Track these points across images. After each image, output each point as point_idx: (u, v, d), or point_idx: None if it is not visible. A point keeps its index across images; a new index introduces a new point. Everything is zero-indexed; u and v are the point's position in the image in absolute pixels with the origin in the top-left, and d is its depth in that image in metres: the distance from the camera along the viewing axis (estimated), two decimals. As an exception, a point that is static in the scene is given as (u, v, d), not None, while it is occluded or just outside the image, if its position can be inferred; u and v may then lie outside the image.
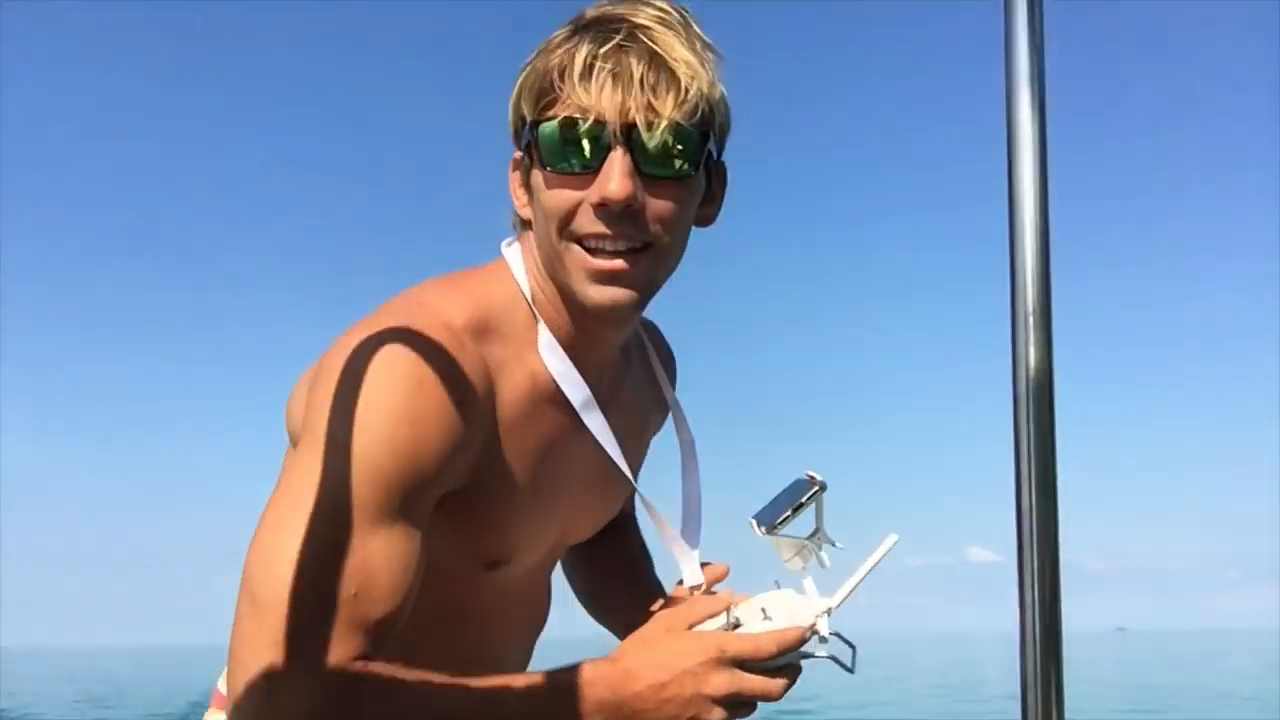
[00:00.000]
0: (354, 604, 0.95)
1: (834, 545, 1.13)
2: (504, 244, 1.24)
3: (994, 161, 0.97)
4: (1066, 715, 0.95)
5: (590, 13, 1.15)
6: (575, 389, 1.19)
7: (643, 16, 1.11)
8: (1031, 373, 0.93)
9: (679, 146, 1.10)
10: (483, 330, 1.13)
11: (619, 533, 1.54)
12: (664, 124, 1.07)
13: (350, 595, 0.95)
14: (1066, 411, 0.95)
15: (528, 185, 1.17)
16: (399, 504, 1.00)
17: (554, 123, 1.09)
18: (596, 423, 1.21)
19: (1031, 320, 0.93)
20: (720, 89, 1.14)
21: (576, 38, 1.11)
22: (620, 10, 1.13)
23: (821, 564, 1.13)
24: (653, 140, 1.07)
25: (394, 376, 1.01)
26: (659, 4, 1.14)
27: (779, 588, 1.13)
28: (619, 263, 1.10)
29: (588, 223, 1.10)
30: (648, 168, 1.09)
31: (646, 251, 1.12)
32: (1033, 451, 0.93)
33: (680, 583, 1.30)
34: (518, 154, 1.18)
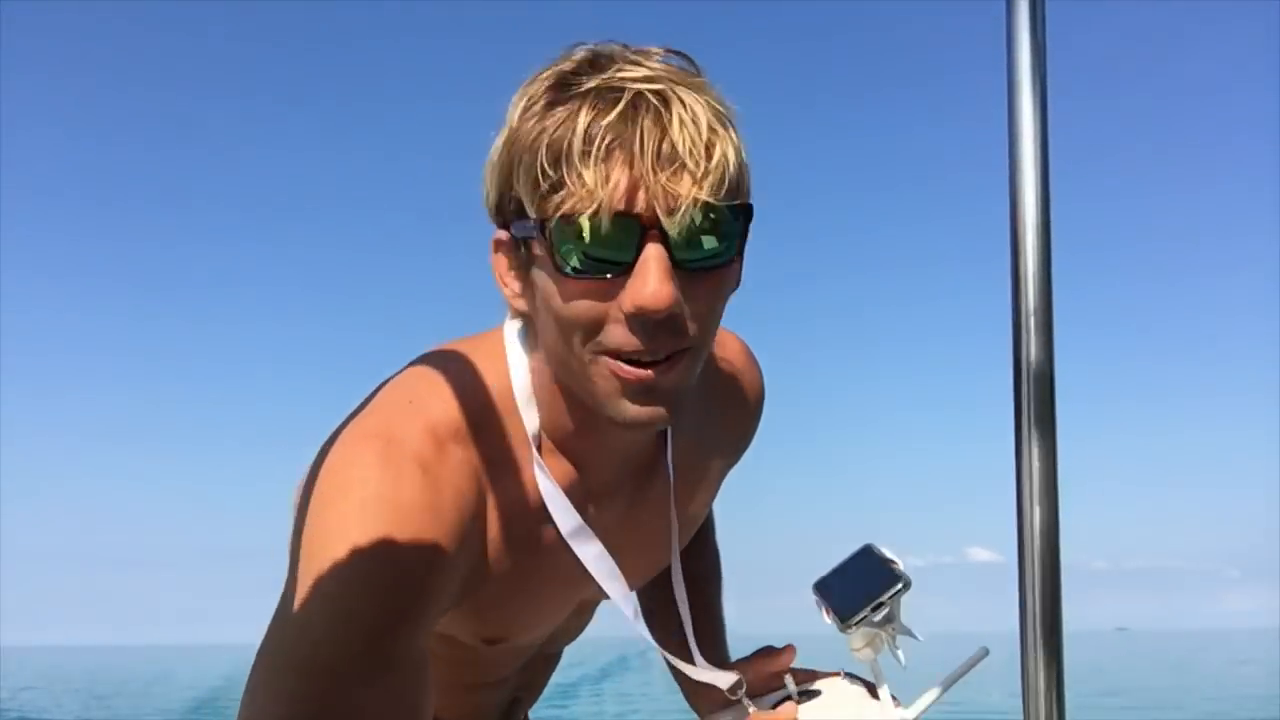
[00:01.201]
0: None
1: (913, 637, 1.04)
2: (508, 319, 1.08)
3: (995, 161, 0.97)
4: (1067, 715, 0.95)
5: (578, 61, 0.94)
6: (566, 517, 1.06)
7: (647, 71, 0.92)
8: (1032, 372, 0.93)
9: (717, 230, 0.91)
10: (474, 432, 1.01)
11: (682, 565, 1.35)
12: (698, 207, 0.89)
13: None
14: (1067, 411, 0.95)
15: (521, 273, 0.99)
16: (389, 647, 0.90)
17: (570, 220, 0.89)
18: (590, 552, 1.08)
19: (1032, 319, 0.93)
20: (743, 144, 0.95)
21: (570, 103, 0.90)
22: (618, 66, 0.92)
23: (898, 660, 1.03)
24: (685, 229, 0.89)
25: (374, 510, 0.91)
26: (657, 52, 0.95)
27: (845, 678, 1.08)
28: (652, 374, 0.93)
29: (621, 336, 0.91)
30: (684, 261, 0.90)
31: (682, 356, 0.95)
32: (1034, 451, 0.93)
33: (763, 653, 1.22)
34: (502, 235, 0.98)
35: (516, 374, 1.04)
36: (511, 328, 1.07)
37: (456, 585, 0.99)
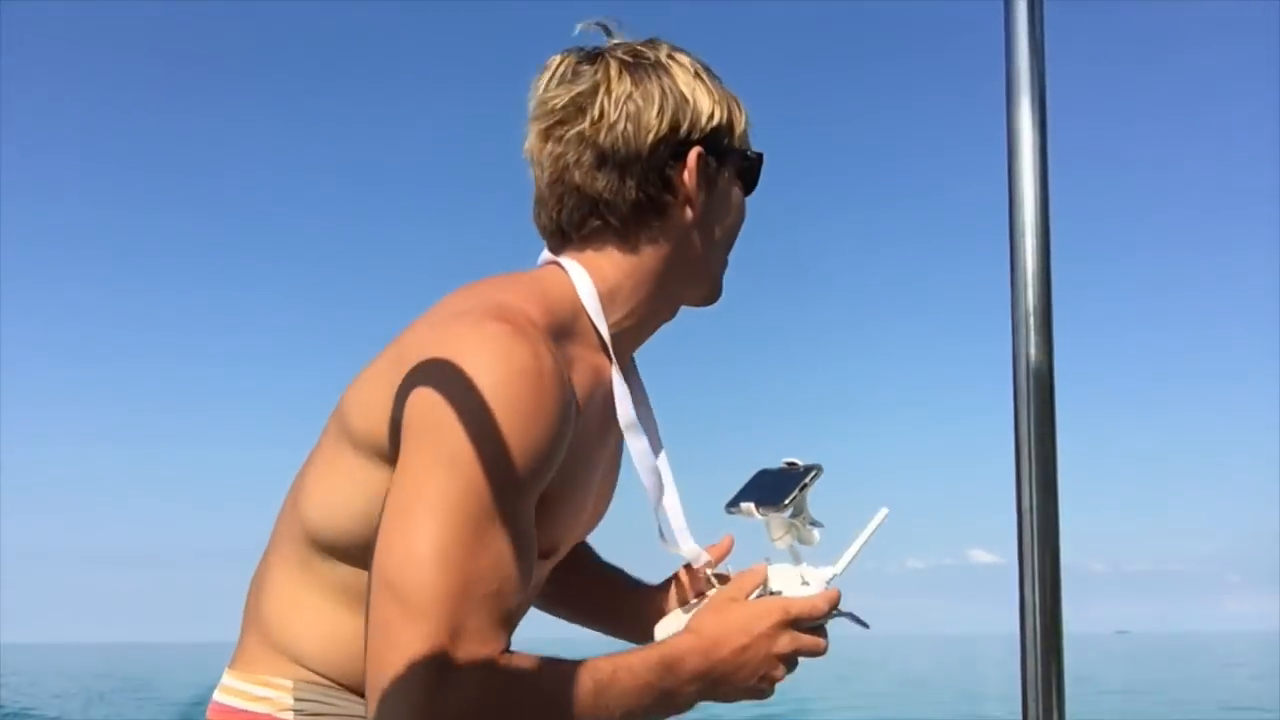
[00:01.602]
0: (497, 599, 0.98)
1: (818, 525, 1.22)
2: (551, 256, 1.25)
3: (994, 161, 0.97)
4: (1067, 717, 0.95)
5: (689, 53, 1.26)
6: (625, 411, 1.22)
7: None
8: (1032, 372, 0.93)
9: None
10: (557, 331, 1.14)
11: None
12: None
13: (493, 591, 0.98)
14: (1068, 413, 0.95)
15: (706, 183, 1.23)
16: (524, 497, 1.03)
17: (758, 155, 1.29)
18: (640, 446, 1.23)
19: (1032, 320, 0.93)
20: None
21: (712, 77, 1.25)
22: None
23: (804, 541, 1.22)
24: None
25: (517, 372, 1.02)
26: None
27: (769, 563, 1.22)
28: None
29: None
30: None
31: None
32: (1033, 451, 0.93)
33: (688, 565, 1.36)
34: (700, 152, 1.22)
35: (583, 286, 1.20)
36: (570, 262, 1.23)
37: (564, 454, 1.09)
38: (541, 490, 1.06)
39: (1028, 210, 0.93)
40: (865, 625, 1.19)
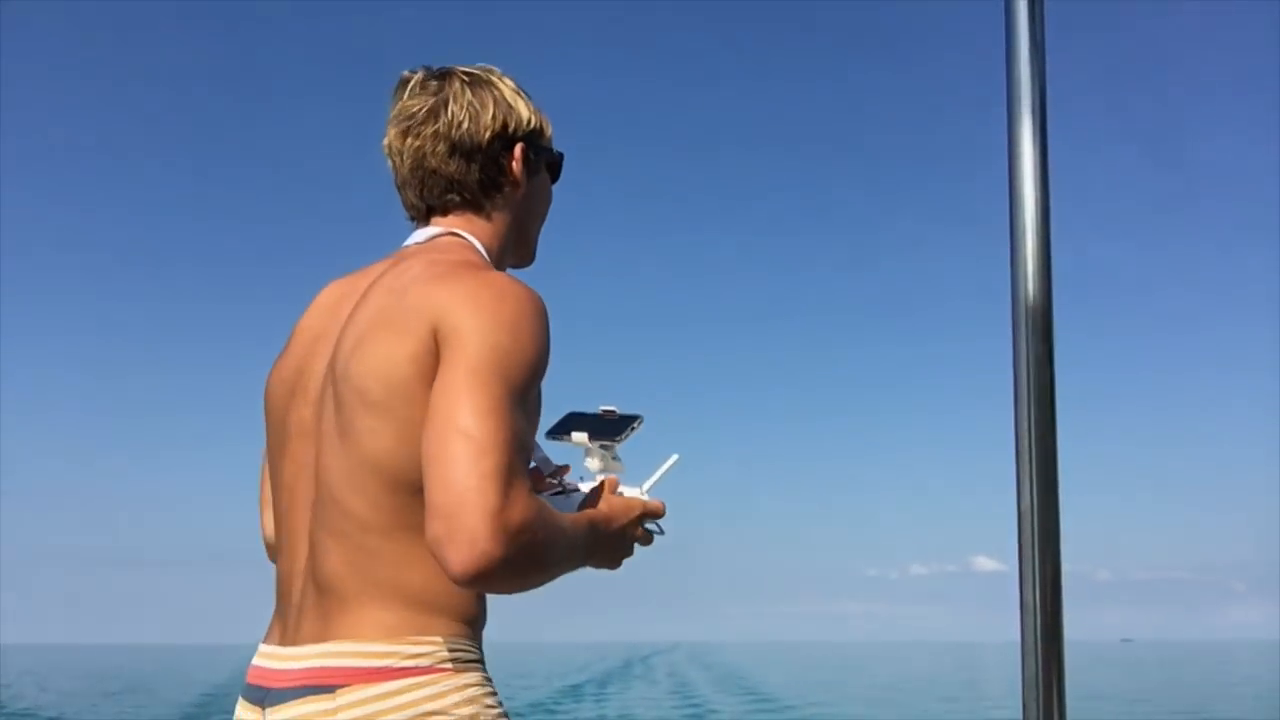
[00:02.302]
0: (525, 453, 1.33)
1: (619, 459, 1.58)
2: (440, 229, 1.59)
3: (995, 160, 0.97)
4: (1067, 719, 0.94)
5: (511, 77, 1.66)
6: None
7: None
8: (1032, 375, 0.93)
9: None
10: None
11: None
12: None
13: (527, 445, 1.33)
14: (1071, 419, 0.94)
15: (526, 175, 1.62)
16: (531, 395, 1.38)
17: (561, 154, 1.70)
18: None
19: (1032, 322, 0.93)
20: None
21: (527, 95, 1.64)
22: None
23: (611, 470, 1.57)
24: None
25: (526, 297, 1.41)
26: None
27: (584, 481, 1.56)
28: None
29: None
30: None
31: None
32: (1034, 454, 0.92)
33: (535, 469, 1.64)
34: (523, 146, 1.61)
35: (479, 248, 1.59)
36: (465, 231, 1.60)
37: None
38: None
39: (1028, 209, 0.93)
40: (662, 532, 1.54)
